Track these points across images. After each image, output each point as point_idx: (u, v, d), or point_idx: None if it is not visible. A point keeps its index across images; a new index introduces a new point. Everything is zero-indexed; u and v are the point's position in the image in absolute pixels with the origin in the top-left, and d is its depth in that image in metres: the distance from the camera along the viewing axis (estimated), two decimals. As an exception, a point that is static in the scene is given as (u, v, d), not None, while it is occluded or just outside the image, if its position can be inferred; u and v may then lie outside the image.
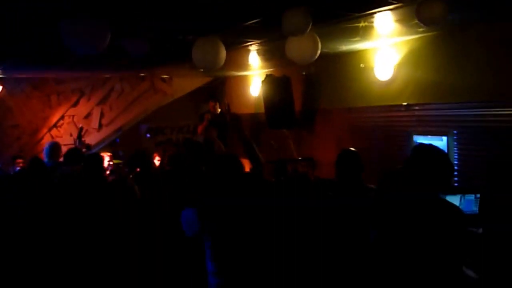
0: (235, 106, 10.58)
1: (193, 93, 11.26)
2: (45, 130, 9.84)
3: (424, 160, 3.13)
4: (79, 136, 8.16)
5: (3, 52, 6.42)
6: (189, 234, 3.92)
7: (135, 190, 5.01)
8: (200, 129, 9.82)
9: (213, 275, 3.81)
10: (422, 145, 3.38)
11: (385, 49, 6.90)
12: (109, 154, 8.24)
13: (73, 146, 8.49)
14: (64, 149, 9.07)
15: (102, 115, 10.37)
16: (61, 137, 9.73)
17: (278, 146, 8.94)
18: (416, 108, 6.58)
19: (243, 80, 10.94)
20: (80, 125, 9.03)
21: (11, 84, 9.40)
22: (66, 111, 10.05)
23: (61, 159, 7.17)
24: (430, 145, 3.24)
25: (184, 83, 11.09)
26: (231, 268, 3.64)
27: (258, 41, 6.25)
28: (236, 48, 6.55)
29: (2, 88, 9.13)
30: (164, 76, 10.76)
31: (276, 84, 8.84)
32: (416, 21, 4.92)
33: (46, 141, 9.11)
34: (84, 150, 7.74)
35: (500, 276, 3.38)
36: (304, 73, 8.76)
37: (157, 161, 8.44)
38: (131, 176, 5.70)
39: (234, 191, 3.68)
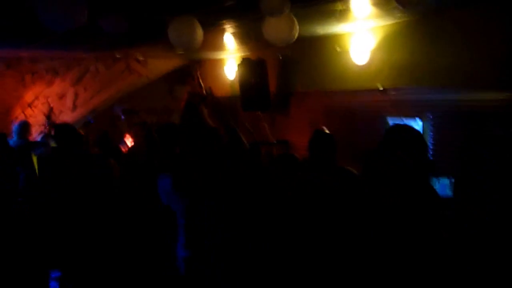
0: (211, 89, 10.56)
1: (168, 75, 11.16)
2: (19, 109, 9.65)
3: (398, 138, 3.16)
4: (49, 116, 8.08)
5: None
6: (165, 202, 3.95)
7: (113, 165, 4.99)
8: (182, 104, 9.79)
9: (182, 246, 3.84)
10: (396, 124, 3.42)
11: (362, 34, 6.92)
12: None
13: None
14: (37, 128, 9.02)
15: (76, 95, 10.17)
16: (35, 117, 9.57)
17: (252, 129, 8.96)
18: (391, 92, 6.64)
19: (218, 63, 10.90)
20: (50, 105, 8.91)
21: None
22: (41, 91, 9.85)
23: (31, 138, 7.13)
24: (405, 124, 3.28)
25: (159, 65, 10.97)
26: (200, 241, 3.66)
27: (235, 23, 6.23)
28: (213, 30, 6.51)
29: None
30: (139, 57, 10.63)
31: (252, 67, 8.84)
32: (393, 5, 4.96)
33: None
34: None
35: (472, 259, 3.43)
36: (280, 56, 8.76)
37: (129, 142, 8.40)
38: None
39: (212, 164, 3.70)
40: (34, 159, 7.75)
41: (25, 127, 7.58)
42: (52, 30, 4.42)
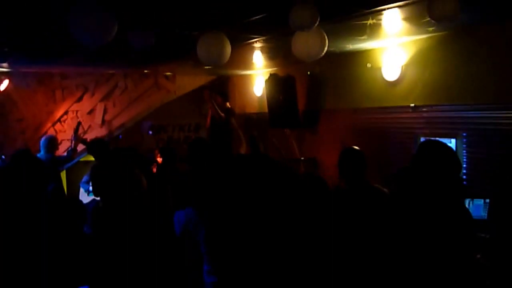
0: (238, 106, 10.52)
1: (195, 92, 11.10)
2: (49, 124, 9.75)
3: (431, 154, 3.07)
4: (76, 131, 8.14)
5: (11, 46, 6.40)
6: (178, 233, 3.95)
7: (142, 181, 4.94)
8: (208, 121, 9.67)
9: (208, 273, 3.78)
10: (429, 140, 3.34)
11: (393, 49, 6.80)
12: None
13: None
14: (67, 143, 9.09)
15: (105, 111, 10.27)
16: (65, 131, 9.68)
17: (280, 145, 8.88)
18: (424, 109, 6.48)
19: (246, 79, 10.88)
20: (78, 120, 8.98)
21: (17, 78, 9.30)
22: (70, 106, 9.95)
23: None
24: (437, 140, 3.20)
25: (187, 81, 11.01)
26: (225, 265, 3.59)
27: (263, 38, 6.17)
28: (241, 45, 6.47)
29: (9, 82, 9.06)
30: (168, 73, 10.71)
31: (280, 83, 8.78)
32: (426, 20, 4.86)
33: (49, 136, 9.09)
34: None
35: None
36: (309, 72, 8.67)
37: (159, 158, 8.39)
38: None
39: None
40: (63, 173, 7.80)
41: (52, 141, 7.64)
42: (84, 45, 4.45)
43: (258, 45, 6.69)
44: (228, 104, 9.62)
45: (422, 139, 6.37)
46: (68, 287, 4.09)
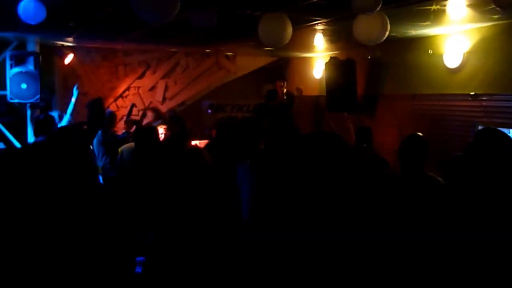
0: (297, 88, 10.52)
1: (255, 73, 11.28)
2: (111, 99, 10.03)
3: (488, 142, 3.03)
4: (129, 113, 8.26)
5: (76, 21, 6.57)
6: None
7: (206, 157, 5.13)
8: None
9: None
10: (487, 128, 3.28)
11: (456, 36, 6.70)
12: (164, 126, 8.31)
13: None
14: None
15: (166, 88, 10.56)
16: (126, 107, 9.92)
17: (337, 129, 8.86)
18: (484, 98, 6.39)
19: (306, 62, 10.89)
20: (132, 103, 9.14)
21: (82, 53, 9.63)
22: (132, 82, 10.25)
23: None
24: (495, 128, 3.15)
25: (247, 62, 11.14)
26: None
27: (325, 20, 6.18)
28: (302, 27, 6.50)
29: (74, 57, 9.33)
30: (228, 53, 10.84)
31: (340, 67, 8.74)
32: (490, 7, 4.77)
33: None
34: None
35: None
36: (369, 57, 8.62)
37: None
38: None
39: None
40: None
41: (111, 117, 7.77)
42: (146, 22, 4.56)
43: (319, 27, 6.70)
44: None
45: (480, 128, 6.29)
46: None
